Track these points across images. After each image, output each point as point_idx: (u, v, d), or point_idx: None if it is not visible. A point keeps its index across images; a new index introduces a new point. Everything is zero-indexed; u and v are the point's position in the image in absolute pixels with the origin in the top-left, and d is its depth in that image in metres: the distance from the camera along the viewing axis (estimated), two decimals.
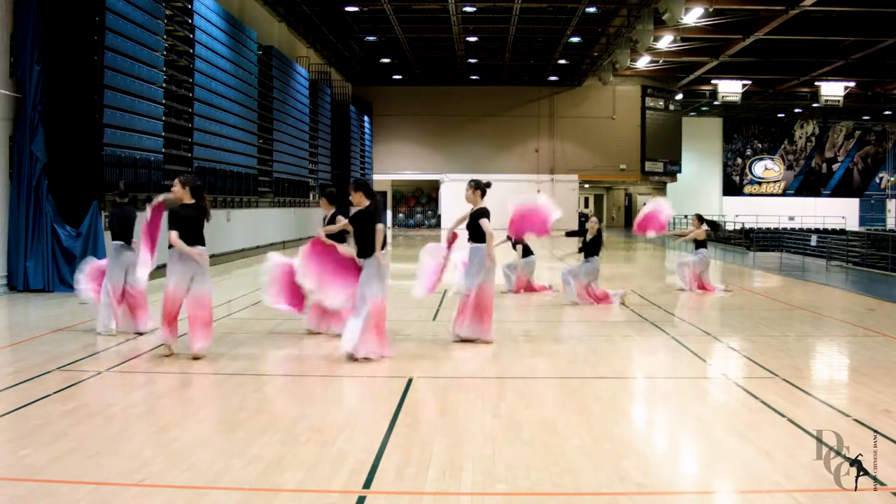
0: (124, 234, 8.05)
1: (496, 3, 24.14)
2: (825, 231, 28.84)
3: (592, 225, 10.84)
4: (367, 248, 6.87)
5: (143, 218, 7.58)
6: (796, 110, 46.42)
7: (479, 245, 7.67)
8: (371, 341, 6.75)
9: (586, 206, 44.63)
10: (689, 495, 3.91)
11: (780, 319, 9.79)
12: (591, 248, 10.65)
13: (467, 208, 7.84)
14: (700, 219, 12.67)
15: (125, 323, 8.02)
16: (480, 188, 7.78)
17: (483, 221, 7.63)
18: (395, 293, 8.68)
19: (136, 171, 12.87)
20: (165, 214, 7.16)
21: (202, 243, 6.92)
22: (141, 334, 7.93)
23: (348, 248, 7.20)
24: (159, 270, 7.61)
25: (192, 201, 6.93)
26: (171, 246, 6.78)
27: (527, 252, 11.88)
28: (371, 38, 29.87)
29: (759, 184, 49.41)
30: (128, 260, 7.95)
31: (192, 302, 6.87)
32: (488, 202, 7.78)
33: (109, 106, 12.00)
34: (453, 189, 37.49)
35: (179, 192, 6.92)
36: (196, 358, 6.75)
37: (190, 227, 6.85)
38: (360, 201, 6.96)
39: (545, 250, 19.56)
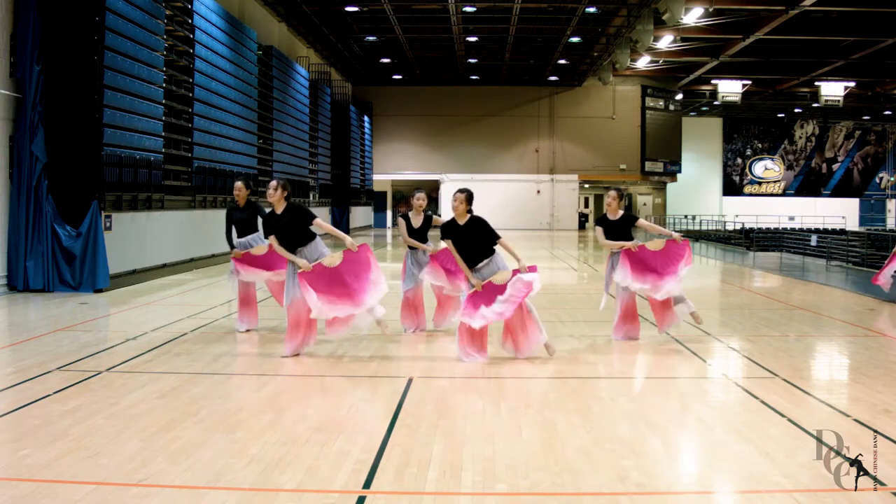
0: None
1: (496, 3, 24.14)
2: (825, 231, 28.85)
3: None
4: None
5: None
6: (796, 110, 46.42)
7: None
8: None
9: (586, 206, 44.64)
10: (689, 495, 3.91)
11: (780, 319, 9.79)
12: None
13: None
14: None
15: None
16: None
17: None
18: (395, 292, 8.68)
19: (136, 171, 12.87)
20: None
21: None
22: None
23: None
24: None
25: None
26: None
27: None
28: (371, 38, 29.88)
29: (759, 184, 49.40)
30: None
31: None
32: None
33: (109, 106, 12.00)
34: (453, 189, 37.50)
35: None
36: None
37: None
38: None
39: None
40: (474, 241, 6.93)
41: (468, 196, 7.04)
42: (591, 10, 25.11)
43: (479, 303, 6.78)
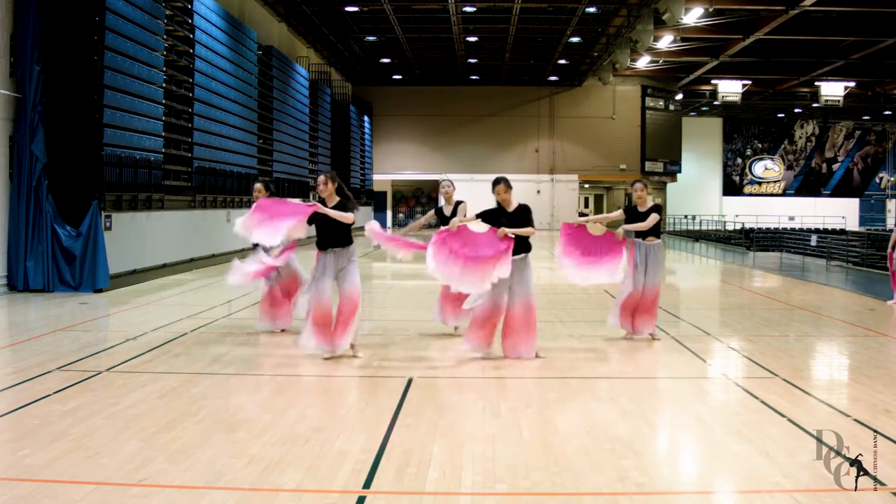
0: None
1: (496, 3, 24.13)
2: (825, 231, 28.87)
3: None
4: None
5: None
6: (796, 110, 46.40)
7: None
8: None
9: (586, 206, 44.63)
10: (689, 495, 3.91)
11: (780, 319, 9.79)
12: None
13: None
14: None
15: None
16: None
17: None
18: (395, 292, 8.66)
19: (136, 171, 12.87)
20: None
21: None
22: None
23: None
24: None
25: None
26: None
27: None
28: (371, 38, 29.87)
29: (759, 184, 49.38)
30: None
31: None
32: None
33: (109, 106, 12.00)
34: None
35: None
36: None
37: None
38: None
39: None
40: (520, 229, 6.88)
41: (509, 183, 6.97)
42: (591, 10, 25.10)
43: (450, 248, 6.69)
